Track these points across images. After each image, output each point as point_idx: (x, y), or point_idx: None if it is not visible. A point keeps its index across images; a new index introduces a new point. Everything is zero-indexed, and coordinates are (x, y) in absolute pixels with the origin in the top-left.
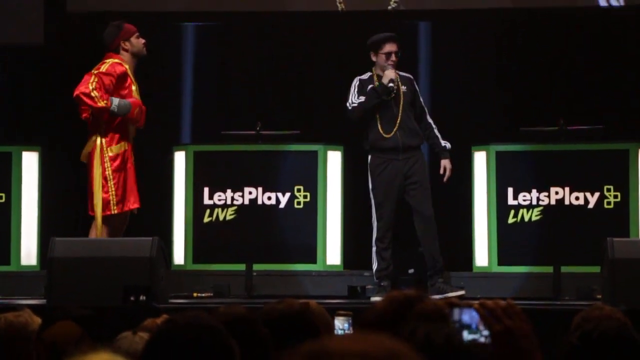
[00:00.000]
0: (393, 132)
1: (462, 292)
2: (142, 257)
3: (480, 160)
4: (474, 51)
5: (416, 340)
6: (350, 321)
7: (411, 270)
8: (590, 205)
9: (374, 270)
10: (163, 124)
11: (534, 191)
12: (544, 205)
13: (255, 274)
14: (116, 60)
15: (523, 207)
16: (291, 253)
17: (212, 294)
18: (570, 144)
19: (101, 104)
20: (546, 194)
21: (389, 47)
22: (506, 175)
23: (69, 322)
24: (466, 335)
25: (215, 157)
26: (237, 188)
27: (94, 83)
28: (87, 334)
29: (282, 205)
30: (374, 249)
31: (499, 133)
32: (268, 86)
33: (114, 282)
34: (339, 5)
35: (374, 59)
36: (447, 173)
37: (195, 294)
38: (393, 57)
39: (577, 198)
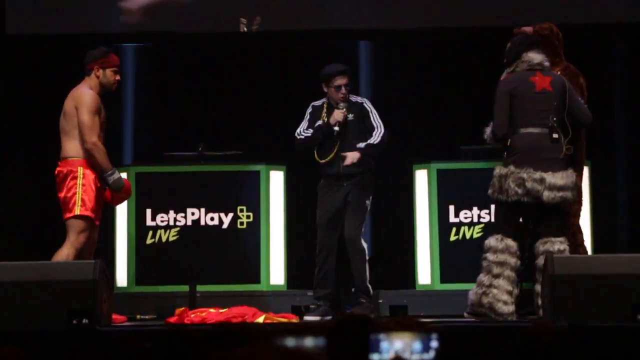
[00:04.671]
0: (329, 159)
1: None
2: (84, 279)
3: (421, 178)
4: (415, 70)
5: None
6: None
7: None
8: None
9: (313, 287)
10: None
11: (474, 208)
12: (485, 223)
13: (198, 294)
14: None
15: (465, 224)
16: (235, 273)
17: (155, 316)
18: None
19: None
20: (487, 211)
21: (339, 81)
22: (447, 193)
23: (10, 346)
24: (413, 356)
25: (157, 178)
26: (180, 209)
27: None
28: (29, 359)
29: (225, 226)
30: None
31: (441, 151)
32: (209, 107)
33: (56, 306)
34: (242, 25)
35: (325, 89)
36: (347, 160)
37: (138, 316)
38: (343, 90)
39: None
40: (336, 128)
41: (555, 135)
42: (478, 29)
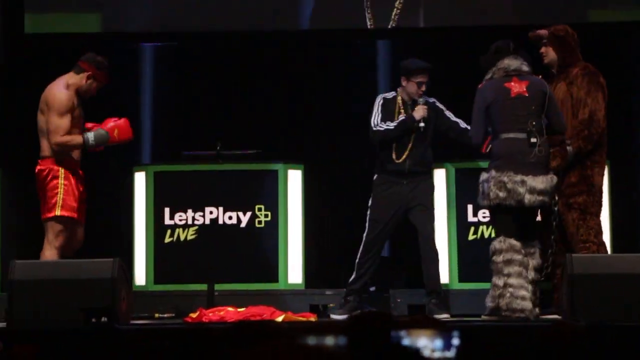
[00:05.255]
0: (402, 159)
1: (447, 315)
2: (103, 278)
3: (440, 177)
4: (433, 69)
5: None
6: None
7: (372, 288)
8: None
9: (349, 282)
10: (123, 145)
11: None
12: None
13: (217, 293)
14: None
15: (483, 223)
16: (253, 272)
17: (173, 315)
18: None
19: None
20: None
21: (422, 78)
22: (465, 192)
23: (26, 346)
24: (434, 353)
25: (175, 177)
26: (198, 208)
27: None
28: (45, 357)
29: (243, 225)
30: (356, 260)
31: (459, 150)
32: (227, 105)
33: (75, 304)
34: (368, 21)
35: (403, 83)
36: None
37: (156, 315)
38: (423, 87)
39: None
40: (422, 124)
41: (533, 140)
42: (497, 27)
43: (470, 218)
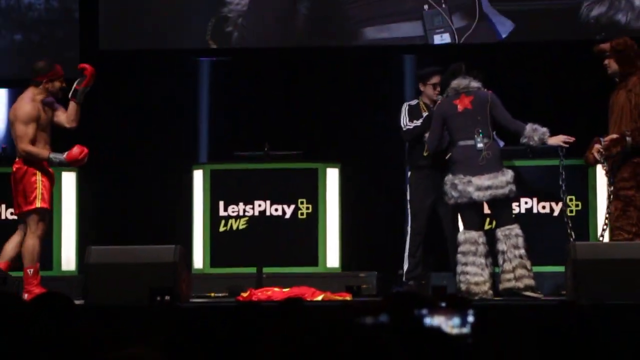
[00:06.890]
0: (429, 152)
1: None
2: (166, 262)
3: None
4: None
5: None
6: None
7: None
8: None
9: (404, 271)
10: (183, 147)
11: None
12: (515, 214)
13: (264, 275)
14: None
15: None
16: (296, 257)
17: (227, 294)
18: None
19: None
20: (517, 203)
21: (436, 79)
22: None
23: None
24: (453, 329)
25: (229, 174)
26: (248, 201)
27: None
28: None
29: (287, 216)
30: (405, 252)
31: None
32: (275, 111)
33: (142, 285)
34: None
35: (421, 88)
36: None
37: (212, 294)
38: (438, 88)
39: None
40: None
41: (480, 145)
42: (517, 44)
43: (486, 210)
